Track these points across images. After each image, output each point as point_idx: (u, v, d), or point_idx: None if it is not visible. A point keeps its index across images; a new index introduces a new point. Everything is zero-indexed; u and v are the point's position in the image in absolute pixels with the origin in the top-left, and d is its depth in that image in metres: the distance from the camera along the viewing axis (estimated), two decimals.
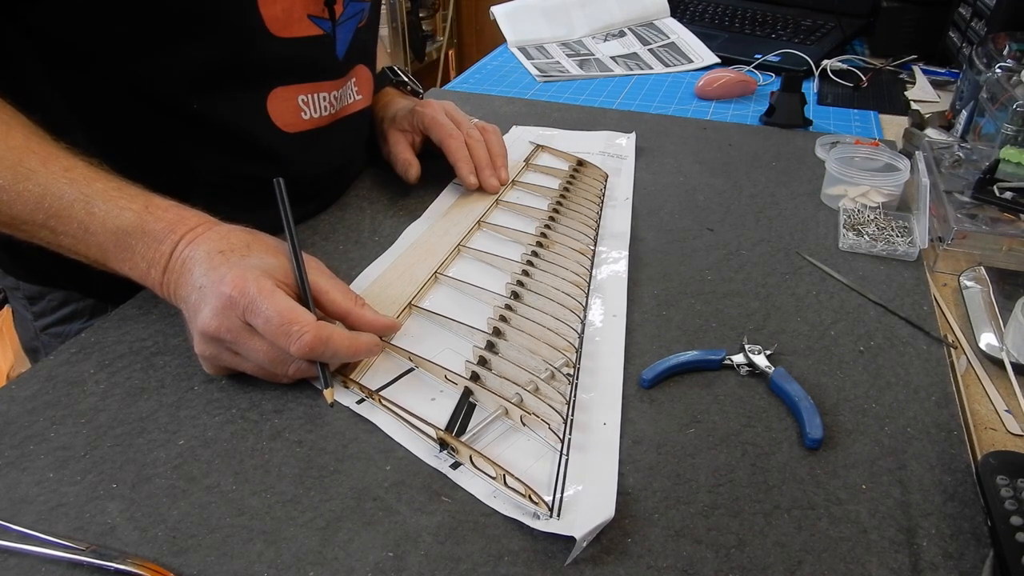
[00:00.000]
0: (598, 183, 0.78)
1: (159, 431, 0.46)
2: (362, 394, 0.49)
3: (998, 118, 0.77)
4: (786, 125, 0.95)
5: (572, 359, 0.51)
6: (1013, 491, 0.41)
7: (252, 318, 0.45)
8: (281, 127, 0.65)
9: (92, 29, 0.55)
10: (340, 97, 0.70)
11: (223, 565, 0.38)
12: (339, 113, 0.71)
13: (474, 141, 0.75)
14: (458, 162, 0.74)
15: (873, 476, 0.44)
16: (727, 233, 0.70)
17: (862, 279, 0.63)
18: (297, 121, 0.66)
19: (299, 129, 0.66)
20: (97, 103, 0.58)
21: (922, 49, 1.23)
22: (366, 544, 0.39)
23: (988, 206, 0.68)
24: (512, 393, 0.47)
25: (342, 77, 0.69)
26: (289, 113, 0.65)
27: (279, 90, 0.63)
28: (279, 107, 0.64)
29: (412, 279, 0.60)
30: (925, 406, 0.49)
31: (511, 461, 0.44)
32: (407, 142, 0.77)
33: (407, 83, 0.85)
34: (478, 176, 0.74)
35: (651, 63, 1.23)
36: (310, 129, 0.67)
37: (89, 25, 0.54)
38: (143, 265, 0.50)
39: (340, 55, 0.68)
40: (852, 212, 0.71)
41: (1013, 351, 0.53)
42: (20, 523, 0.40)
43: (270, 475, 0.43)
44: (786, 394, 0.49)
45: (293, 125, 0.66)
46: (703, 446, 0.46)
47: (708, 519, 0.41)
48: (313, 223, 0.70)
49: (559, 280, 0.59)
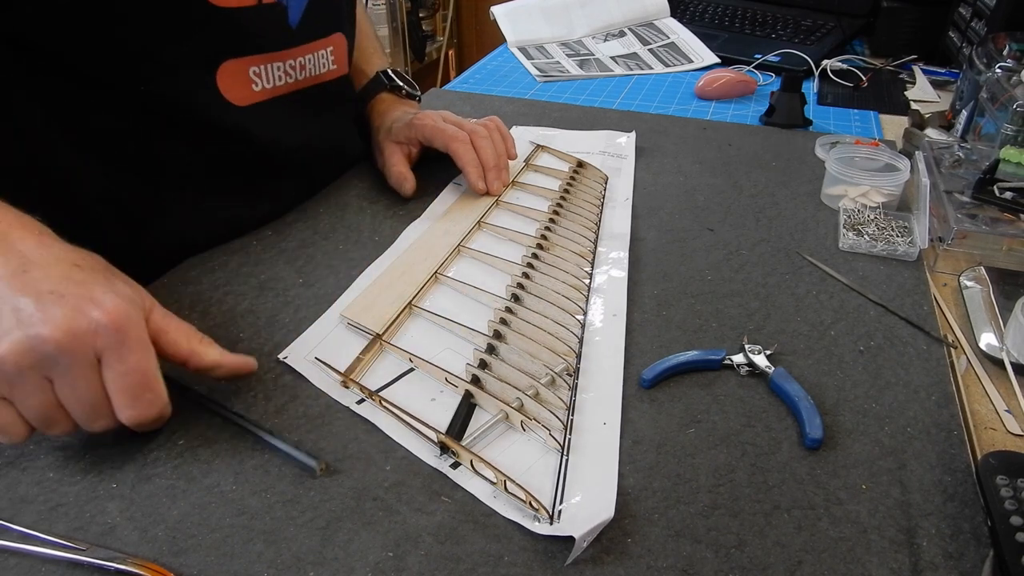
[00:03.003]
0: (598, 185, 0.78)
1: (159, 431, 0.46)
2: (362, 394, 0.49)
3: (998, 118, 0.77)
4: (786, 125, 0.95)
5: (573, 364, 0.51)
6: (1013, 491, 0.41)
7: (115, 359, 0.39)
8: (232, 101, 0.63)
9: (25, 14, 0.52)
10: (301, 66, 0.68)
11: (223, 565, 0.38)
12: (304, 82, 0.69)
13: (480, 139, 0.74)
14: (467, 166, 0.73)
15: (873, 476, 0.44)
16: (727, 233, 0.70)
17: (862, 279, 0.63)
18: (248, 93, 0.64)
19: (252, 101, 0.64)
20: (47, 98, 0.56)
21: (922, 49, 1.23)
22: (366, 544, 0.39)
23: (988, 206, 0.68)
24: (512, 397, 0.47)
25: (298, 46, 0.67)
26: (239, 86, 0.63)
27: (229, 63, 0.61)
28: (228, 81, 0.62)
29: (412, 279, 0.60)
30: (925, 406, 0.49)
31: (511, 462, 0.44)
32: (403, 154, 0.76)
33: (402, 87, 0.83)
34: (485, 179, 0.73)
35: (651, 63, 1.23)
36: (264, 100, 0.65)
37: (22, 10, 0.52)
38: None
39: (294, 23, 0.66)
40: (852, 212, 0.71)
41: (1013, 351, 0.53)
42: (20, 523, 0.40)
43: (270, 475, 0.43)
44: (786, 394, 0.49)
45: (244, 98, 0.64)
46: (703, 446, 0.46)
47: (708, 519, 0.41)
48: (313, 223, 0.70)
49: (559, 283, 0.59)
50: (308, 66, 0.69)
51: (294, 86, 0.68)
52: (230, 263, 0.63)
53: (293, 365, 0.51)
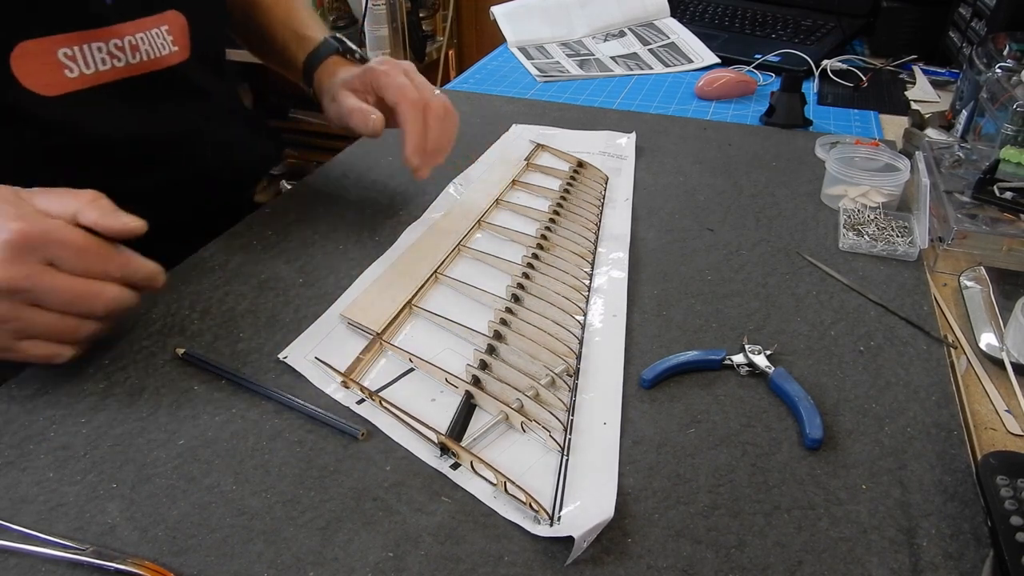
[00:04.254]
0: (598, 185, 0.78)
1: (159, 431, 0.46)
2: (362, 394, 0.49)
3: (998, 118, 0.77)
4: (786, 125, 0.95)
5: (573, 364, 0.51)
6: (1013, 491, 0.41)
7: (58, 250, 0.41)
8: (36, 90, 0.55)
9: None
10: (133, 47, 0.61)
11: (223, 565, 0.38)
12: (138, 67, 0.62)
13: (433, 116, 0.63)
14: (410, 134, 0.62)
15: (873, 476, 0.44)
16: (727, 233, 0.70)
17: (862, 279, 0.63)
18: (60, 80, 0.56)
19: (66, 90, 0.57)
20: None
21: (922, 49, 1.23)
22: (366, 544, 0.39)
23: (988, 206, 0.68)
24: (513, 398, 0.47)
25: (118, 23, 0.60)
26: (47, 72, 0.55)
27: (27, 44, 0.54)
28: (29, 66, 0.54)
29: (412, 279, 0.60)
30: (925, 406, 0.49)
31: (511, 462, 0.44)
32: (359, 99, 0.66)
33: (354, 51, 0.75)
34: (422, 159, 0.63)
35: (651, 63, 1.23)
36: (84, 88, 0.58)
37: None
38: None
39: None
40: (852, 212, 0.71)
41: (1013, 351, 0.53)
42: (20, 523, 0.40)
43: (270, 475, 0.43)
44: (786, 394, 0.49)
45: (54, 86, 0.56)
46: (703, 446, 0.46)
47: (708, 519, 0.41)
48: (313, 223, 0.70)
49: (559, 284, 0.59)
50: (142, 47, 0.61)
51: (125, 71, 0.60)
52: (230, 263, 0.63)
53: (293, 365, 0.52)
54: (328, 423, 0.46)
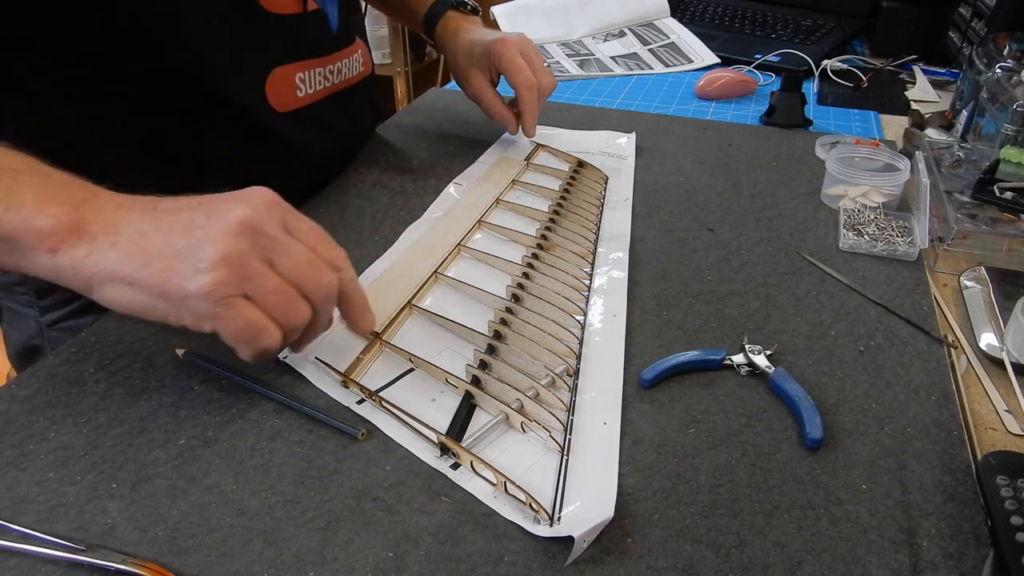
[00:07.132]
0: (598, 185, 0.78)
1: (159, 431, 0.46)
2: (362, 395, 0.49)
3: (998, 118, 0.77)
4: (786, 125, 0.95)
5: (573, 364, 0.51)
6: (1013, 491, 0.41)
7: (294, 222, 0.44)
8: (275, 107, 0.65)
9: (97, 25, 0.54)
10: (339, 71, 0.71)
11: (223, 565, 0.38)
12: (337, 87, 0.72)
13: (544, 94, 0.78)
14: (526, 113, 0.78)
15: (873, 476, 0.44)
16: (727, 233, 0.70)
17: (862, 279, 0.63)
18: (291, 100, 0.66)
19: (292, 108, 0.66)
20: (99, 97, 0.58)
21: (922, 49, 1.23)
22: (366, 544, 0.39)
23: (988, 206, 0.68)
24: (513, 399, 0.47)
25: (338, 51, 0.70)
26: (285, 92, 0.65)
27: (278, 70, 0.64)
28: (276, 86, 0.64)
29: (412, 279, 0.60)
30: (925, 406, 0.49)
31: (511, 462, 0.44)
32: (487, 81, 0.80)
33: (466, 3, 0.86)
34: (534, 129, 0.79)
35: (651, 63, 1.23)
36: (303, 107, 0.68)
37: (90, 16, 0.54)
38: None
39: (334, 28, 0.68)
40: (852, 212, 0.71)
41: (1013, 351, 0.53)
42: (20, 523, 0.40)
43: (270, 475, 0.43)
44: (786, 394, 0.49)
45: (287, 104, 0.66)
46: (703, 446, 0.46)
47: (708, 519, 0.41)
48: None
49: (560, 284, 0.59)
50: (344, 70, 0.73)
51: (326, 91, 0.71)
52: None
53: (293, 365, 0.52)
54: (328, 423, 0.46)
